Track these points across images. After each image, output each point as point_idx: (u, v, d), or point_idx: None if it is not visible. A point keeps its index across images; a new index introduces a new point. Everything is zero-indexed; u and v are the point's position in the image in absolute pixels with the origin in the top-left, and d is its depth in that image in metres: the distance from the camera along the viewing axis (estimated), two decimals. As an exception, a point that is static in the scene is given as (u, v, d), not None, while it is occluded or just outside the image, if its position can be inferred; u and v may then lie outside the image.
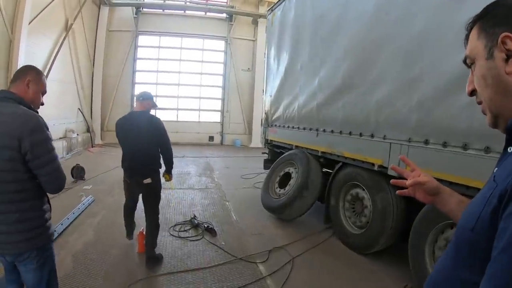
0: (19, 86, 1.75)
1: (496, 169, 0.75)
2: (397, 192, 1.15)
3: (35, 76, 1.81)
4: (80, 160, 9.06)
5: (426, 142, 2.96)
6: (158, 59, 14.92)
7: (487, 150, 2.38)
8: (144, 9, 14.46)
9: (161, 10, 14.70)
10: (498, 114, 0.74)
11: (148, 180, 3.40)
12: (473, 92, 0.80)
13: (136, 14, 14.20)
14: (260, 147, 12.31)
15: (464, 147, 2.62)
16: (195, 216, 4.71)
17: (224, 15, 15.13)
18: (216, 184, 7.30)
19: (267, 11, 6.73)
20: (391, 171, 3.32)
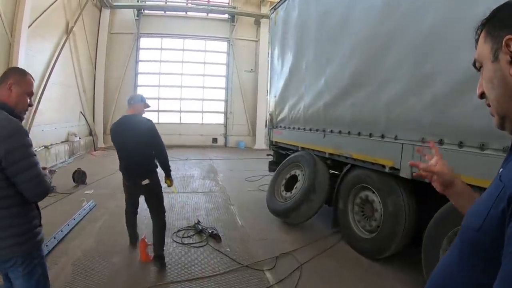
0: (1, 90, 1.70)
1: (501, 169, 0.77)
2: (413, 175, 1.19)
3: (18, 77, 1.75)
4: (83, 163, 8.98)
5: (441, 142, 2.81)
6: (160, 61, 14.84)
7: (506, 150, 2.23)
8: (145, 11, 14.42)
9: (162, 12, 14.63)
10: (504, 116, 0.75)
11: (146, 181, 3.42)
12: (482, 95, 0.81)
13: (137, 16, 14.15)
14: (264, 149, 12.18)
15: (481, 147, 2.48)
16: (199, 221, 4.58)
17: (226, 16, 15.04)
18: (220, 187, 7.16)
19: (270, 10, 6.60)
20: (403, 173, 3.18)
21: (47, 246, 3.65)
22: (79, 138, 11.09)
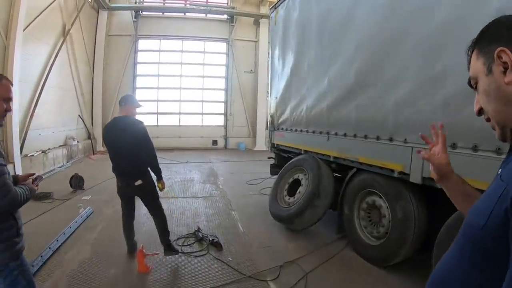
0: None
1: (500, 170, 0.79)
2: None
3: None
4: (81, 168, 8.85)
5: (454, 146, 2.66)
6: (159, 63, 14.67)
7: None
8: (143, 12, 14.24)
9: (160, 13, 14.48)
10: (504, 125, 0.77)
11: (139, 182, 3.48)
12: (480, 111, 0.84)
13: (135, 17, 13.99)
14: (265, 150, 12.08)
15: (497, 151, 2.33)
16: (199, 229, 4.42)
17: (225, 16, 14.87)
18: (221, 191, 6.99)
19: (270, 9, 6.44)
20: (413, 178, 3.02)
21: (41, 257, 3.51)
22: (77, 142, 10.93)
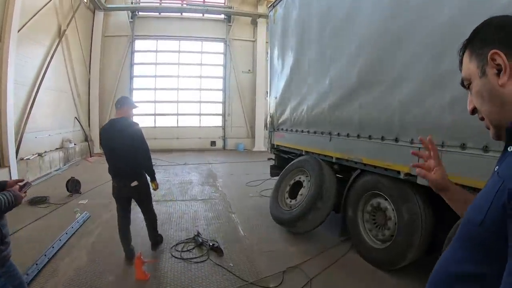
0: None
1: (497, 167, 0.79)
2: (415, 169, 1.18)
3: None
4: (78, 170, 8.72)
5: (463, 147, 2.57)
6: (156, 63, 14.54)
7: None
8: (140, 12, 14.10)
9: (157, 14, 14.33)
10: (498, 125, 0.79)
11: (135, 183, 3.55)
12: (474, 111, 0.86)
13: (132, 18, 13.85)
14: (264, 151, 11.96)
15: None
16: (198, 233, 4.29)
17: (222, 16, 14.76)
18: (220, 193, 6.87)
19: (268, 7, 6.32)
20: (420, 180, 2.92)
21: (36, 265, 3.40)
22: (74, 144, 10.78)
